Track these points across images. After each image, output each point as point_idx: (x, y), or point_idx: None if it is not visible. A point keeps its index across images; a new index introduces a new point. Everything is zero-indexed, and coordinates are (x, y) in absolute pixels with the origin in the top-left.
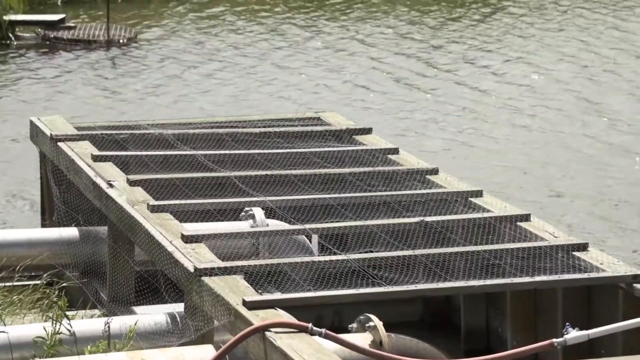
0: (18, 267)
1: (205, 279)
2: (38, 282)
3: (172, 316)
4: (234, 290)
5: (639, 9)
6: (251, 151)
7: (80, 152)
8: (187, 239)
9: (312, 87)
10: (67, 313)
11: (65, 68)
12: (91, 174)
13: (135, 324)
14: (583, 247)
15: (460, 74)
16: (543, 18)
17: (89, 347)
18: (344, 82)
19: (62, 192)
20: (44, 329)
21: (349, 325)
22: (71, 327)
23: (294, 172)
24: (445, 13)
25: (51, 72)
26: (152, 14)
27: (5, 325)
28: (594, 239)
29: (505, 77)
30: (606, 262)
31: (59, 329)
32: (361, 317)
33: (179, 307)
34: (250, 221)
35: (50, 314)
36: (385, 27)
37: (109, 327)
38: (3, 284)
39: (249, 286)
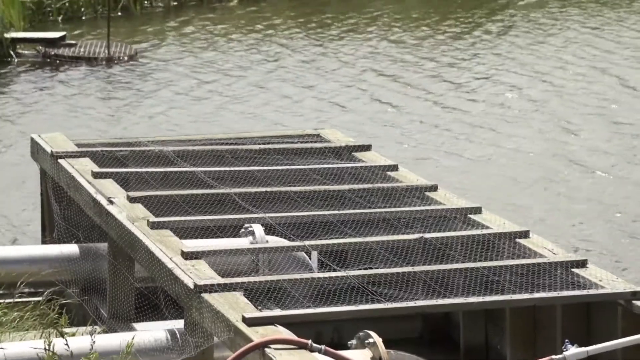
0: (18, 284)
1: (205, 296)
2: (38, 298)
3: (172, 332)
4: (234, 307)
5: (610, 27)
6: (251, 168)
7: (81, 169)
8: (187, 256)
9: (317, 104)
10: (67, 330)
11: (66, 85)
12: (91, 190)
13: (133, 339)
14: (582, 263)
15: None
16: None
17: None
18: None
19: (63, 209)
20: (44, 345)
21: (349, 342)
22: (68, 347)
23: (293, 188)
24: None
25: (52, 90)
26: (153, 32)
27: (3, 341)
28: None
29: (518, 91)
30: (605, 278)
31: (58, 346)
32: (361, 334)
33: (178, 324)
34: (250, 238)
35: (51, 331)
36: (371, 42)
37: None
38: (3, 301)
39: (249, 303)
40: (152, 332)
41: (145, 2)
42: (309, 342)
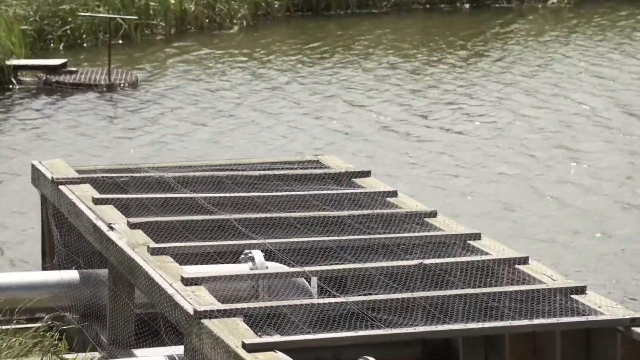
0: (18, 309)
1: (205, 322)
2: (38, 324)
3: (172, 359)
4: (234, 333)
5: (614, 54)
6: (251, 194)
7: (81, 195)
8: (187, 282)
9: (312, 130)
10: (67, 356)
11: (67, 112)
12: (92, 216)
13: None
14: (581, 290)
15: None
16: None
17: None
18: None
19: (63, 235)
20: None
21: None
22: None
23: (293, 214)
24: (427, 56)
25: (53, 116)
26: (154, 58)
27: None
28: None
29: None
30: (604, 305)
31: None
32: None
33: (179, 350)
34: (250, 263)
35: (50, 357)
36: (371, 69)
37: None
38: (3, 327)
39: (249, 328)
40: (152, 359)
41: (146, 29)
42: None
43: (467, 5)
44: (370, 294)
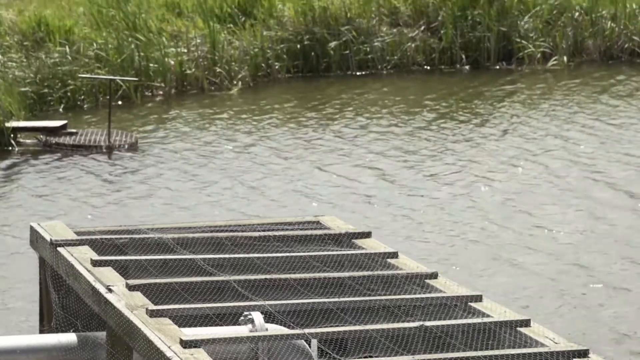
0: None
1: None
2: None
3: None
4: None
5: (580, 116)
6: (250, 255)
7: (80, 257)
8: (186, 344)
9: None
10: None
11: (67, 174)
12: (90, 279)
13: None
14: (584, 353)
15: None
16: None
17: None
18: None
19: (61, 298)
20: None
21: None
22: None
23: (293, 276)
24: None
25: (52, 178)
26: (153, 119)
27: None
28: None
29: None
30: None
31: None
32: None
33: None
34: (250, 326)
35: None
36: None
37: None
38: None
39: None
40: None
41: (146, 90)
42: None
43: (467, 67)
44: (371, 356)
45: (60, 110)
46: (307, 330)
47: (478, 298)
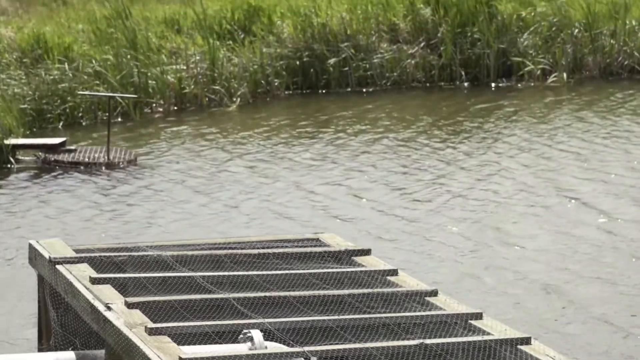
0: None
1: None
2: None
3: None
4: None
5: (558, 132)
6: (250, 272)
7: (79, 275)
8: None
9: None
10: None
11: (66, 191)
12: (89, 296)
13: None
14: None
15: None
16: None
17: None
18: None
19: (60, 316)
20: None
21: None
22: None
23: (292, 293)
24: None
25: (51, 195)
26: (152, 136)
27: None
28: None
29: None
30: None
31: None
32: None
33: None
34: (249, 344)
35: None
36: (370, 148)
37: None
38: None
39: None
40: None
41: (145, 107)
42: None
43: (466, 84)
44: None
45: (60, 127)
46: (306, 348)
47: (478, 316)
